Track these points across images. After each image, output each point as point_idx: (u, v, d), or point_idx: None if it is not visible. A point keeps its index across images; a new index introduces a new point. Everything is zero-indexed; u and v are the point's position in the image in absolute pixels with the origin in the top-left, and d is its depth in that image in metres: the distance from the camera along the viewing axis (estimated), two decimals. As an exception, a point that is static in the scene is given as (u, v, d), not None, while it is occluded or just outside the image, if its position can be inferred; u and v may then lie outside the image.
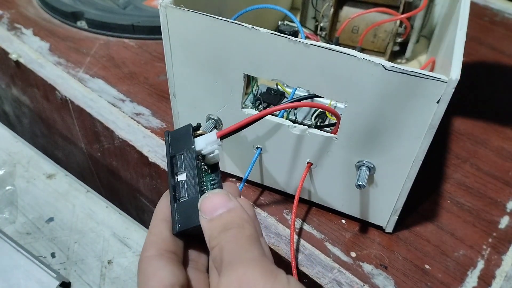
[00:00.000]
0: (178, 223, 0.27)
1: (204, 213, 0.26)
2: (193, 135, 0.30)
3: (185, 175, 0.29)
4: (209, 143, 0.30)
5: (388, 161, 0.33)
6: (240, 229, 0.25)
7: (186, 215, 0.28)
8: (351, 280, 0.36)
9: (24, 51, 0.57)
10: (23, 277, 0.46)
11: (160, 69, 0.56)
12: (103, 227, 0.53)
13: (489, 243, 0.39)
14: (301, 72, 0.31)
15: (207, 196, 0.27)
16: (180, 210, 0.28)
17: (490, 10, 0.74)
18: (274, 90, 0.43)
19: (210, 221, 0.26)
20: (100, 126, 0.49)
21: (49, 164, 0.60)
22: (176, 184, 0.29)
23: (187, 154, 0.30)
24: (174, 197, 0.29)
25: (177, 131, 0.31)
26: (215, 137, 0.30)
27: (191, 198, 0.28)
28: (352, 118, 0.32)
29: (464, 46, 0.31)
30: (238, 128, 0.31)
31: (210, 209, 0.26)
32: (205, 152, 0.30)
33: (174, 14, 0.33)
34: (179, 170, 0.29)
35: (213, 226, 0.25)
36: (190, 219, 0.27)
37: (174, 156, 0.30)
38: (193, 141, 0.30)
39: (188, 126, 0.31)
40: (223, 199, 0.26)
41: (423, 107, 0.29)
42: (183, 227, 0.27)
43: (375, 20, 0.52)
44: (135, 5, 0.66)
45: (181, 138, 0.30)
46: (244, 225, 0.25)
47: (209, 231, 0.25)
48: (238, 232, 0.25)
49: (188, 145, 0.30)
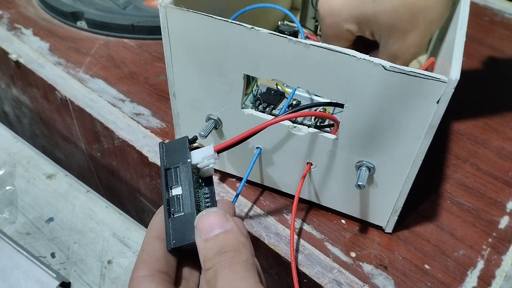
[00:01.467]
0: (172, 239, 0.27)
1: (200, 232, 0.26)
2: (189, 147, 0.30)
3: (180, 189, 0.28)
4: (206, 157, 0.29)
5: (388, 161, 0.33)
6: (236, 253, 0.25)
7: (181, 231, 0.27)
8: (351, 280, 0.36)
9: (24, 51, 0.57)
10: (23, 277, 0.46)
11: (160, 69, 0.56)
12: (103, 227, 0.53)
13: (489, 243, 0.39)
14: (301, 72, 0.31)
15: (204, 215, 0.26)
16: (175, 225, 0.27)
17: (490, 10, 0.74)
18: (274, 90, 0.43)
19: (205, 241, 0.25)
20: (100, 126, 0.49)
21: (49, 164, 0.60)
22: (171, 198, 0.28)
23: (183, 167, 0.29)
24: (168, 212, 0.28)
25: (172, 143, 0.30)
26: (212, 151, 0.30)
27: (187, 213, 0.27)
28: (352, 118, 0.32)
29: (464, 46, 0.31)
30: (235, 142, 0.31)
31: (206, 229, 0.26)
32: (201, 166, 0.29)
33: (174, 14, 0.33)
34: (174, 184, 0.29)
35: (208, 246, 0.25)
36: (185, 235, 0.27)
37: (169, 169, 0.29)
38: (190, 154, 0.29)
39: (185, 138, 0.30)
40: (220, 219, 0.26)
41: (423, 107, 0.29)
42: (177, 244, 0.27)
43: (375, 20, 0.52)
44: (135, 5, 0.66)
45: (177, 150, 0.30)
46: (240, 248, 0.25)
47: (204, 251, 0.25)
48: (233, 257, 0.24)
49: (184, 158, 0.29)
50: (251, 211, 0.40)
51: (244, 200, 0.41)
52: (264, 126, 0.31)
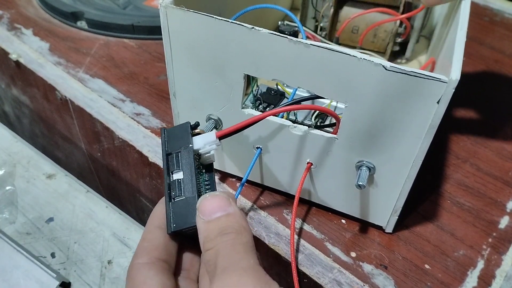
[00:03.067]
0: (173, 223, 0.27)
1: (202, 214, 0.26)
2: (191, 133, 0.30)
3: (181, 173, 0.28)
4: (208, 143, 0.30)
5: (388, 161, 0.33)
6: (238, 235, 0.25)
7: (181, 215, 0.27)
8: (351, 280, 0.36)
9: (24, 51, 0.57)
10: (23, 277, 0.46)
11: (160, 69, 0.56)
12: (103, 227, 0.53)
13: (489, 243, 0.39)
14: (301, 72, 0.31)
15: (206, 197, 0.26)
16: (176, 209, 0.27)
17: (490, 10, 0.74)
18: (274, 90, 0.43)
19: (207, 222, 0.25)
20: (100, 126, 0.49)
21: (49, 164, 0.60)
22: (172, 183, 0.28)
23: (185, 152, 0.29)
24: (169, 196, 0.28)
25: (174, 129, 0.30)
26: (214, 137, 0.30)
27: (187, 197, 0.27)
28: (352, 118, 0.32)
29: (464, 46, 0.31)
30: (238, 129, 0.31)
31: (208, 211, 0.26)
32: (203, 151, 0.29)
33: (174, 14, 0.33)
34: (175, 169, 0.29)
35: (210, 228, 0.25)
36: (186, 218, 0.27)
37: (170, 154, 0.29)
38: (191, 140, 0.29)
39: (187, 124, 0.30)
40: (223, 202, 0.26)
41: (423, 107, 0.29)
42: (178, 227, 0.27)
43: (375, 20, 0.52)
44: (135, 5, 0.66)
45: (179, 136, 0.30)
46: (241, 231, 0.25)
47: (205, 232, 0.25)
48: (235, 238, 0.24)
49: (185, 143, 0.29)
50: (251, 211, 0.40)
51: (244, 200, 0.41)
52: (269, 114, 0.31)
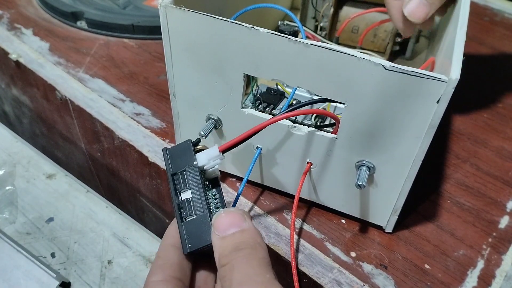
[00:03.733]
0: (188, 243, 0.27)
1: (217, 230, 0.26)
2: (193, 150, 0.30)
3: (189, 192, 0.29)
4: (212, 158, 0.30)
5: (388, 161, 0.33)
6: (253, 250, 0.25)
7: (195, 234, 0.27)
8: (351, 280, 0.36)
9: (24, 51, 0.57)
10: (23, 277, 0.46)
11: (160, 69, 0.56)
12: (103, 227, 0.53)
13: (489, 243, 0.39)
14: (301, 72, 0.31)
15: (221, 214, 0.26)
16: (189, 229, 0.28)
17: (490, 10, 0.74)
18: (274, 90, 0.43)
19: (222, 238, 0.26)
20: (100, 126, 0.49)
21: (49, 164, 0.60)
22: (181, 203, 0.28)
23: (190, 170, 0.29)
24: (180, 217, 0.28)
25: (176, 148, 0.30)
26: (218, 152, 0.30)
27: (199, 216, 0.28)
28: (352, 118, 0.32)
29: (464, 46, 0.31)
30: (240, 141, 0.31)
31: (223, 227, 0.26)
32: (207, 167, 0.30)
33: (174, 14, 0.33)
34: (182, 188, 0.29)
35: (224, 244, 0.25)
36: (200, 238, 0.27)
37: (175, 174, 0.29)
38: (195, 157, 0.29)
39: (188, 142, 0.30)
40: (238, 218, 0.26)
41: (423, 107, 0.29)
42: (194, 247, 0.27)
43: (375, 20, 0.52)
44: (135, 5, 0.66)
45: (181, 154, 0.30)
46: (256, 247, 0.25)
47: (220, 248, 0.25)
48: (250, 253, 0.25)
49: (189, 161, 0.29)
50: (251, 211, 0.40)
51: (244, 200, 0.41)
52: (270, 123, 0.31)
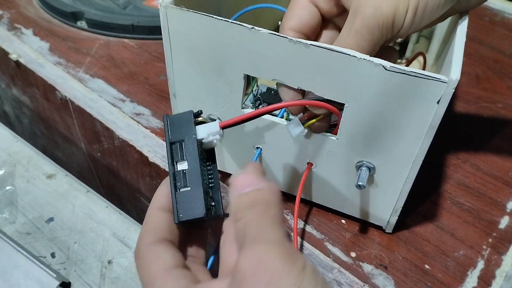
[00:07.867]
0: (179, 213, 0.28)
1: (235, 188, 0.27)
2: (194, 122, 0.30)
3: (186, 164, 0.29)
4: (211, 133, 0.30)
5: (388, 161, 0.33)
6: (266, 208, 0.25)
7: (188, 206, 0.28)
8: (351, 280, 0.36)
9: (24, 51, 0.57)
10: (23, 277, 0.46)
11: (160, 69, 0.56)
12: (103, 227, 0.53)
13: (489, 243, 0.39)
14: (301, 72, 0.31)
15: (239, 173, 0.27)
16: (182, 200, 0.28)
17: (490, 10, 0.74)
18: (274, 90, 0.43)
19: (239, 196, 0.26)
20: (100, 126, 0.49)
21: (49, 164, 0.60)
22: (177, 173, 0.29)
23: (189, 142, 0.29)
24: (174, 186, 0.28)
25: (177, 116, 0.30)
26: (218, 128, 0.30)
27: (193, 188, 0.28)
28: (352, 118, 0.32)
29: (464, 46, 0.31)
30: (242, 120, 0.31)
31: (240, 185, 0.27)
32: (206, 141, 0.30)
33: (174, 14, 0.33)
34: (179, 159, 0.29)
35: (241, 200, 0.26)
36: (192, 210, 0.27)
37: (173, 143, 0.29)
38: (195, 129, 0.29)
39: (190, 112, 0.30)
40: (255, 179, 0.27)
41: (423, 107, 0.29)
42: (184, 217, 0.28)
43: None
44: (135, 5, 0.66)
45: (181, 124, 0.30)
46: (270, 205, 0.26)
47: (236, 204, 0.26)
48: (264, 210, 0.25)
49: (189, 132, 0.29)
50: (251, 211, 0.40)
51: (244, 200, 0.41)
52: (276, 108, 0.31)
